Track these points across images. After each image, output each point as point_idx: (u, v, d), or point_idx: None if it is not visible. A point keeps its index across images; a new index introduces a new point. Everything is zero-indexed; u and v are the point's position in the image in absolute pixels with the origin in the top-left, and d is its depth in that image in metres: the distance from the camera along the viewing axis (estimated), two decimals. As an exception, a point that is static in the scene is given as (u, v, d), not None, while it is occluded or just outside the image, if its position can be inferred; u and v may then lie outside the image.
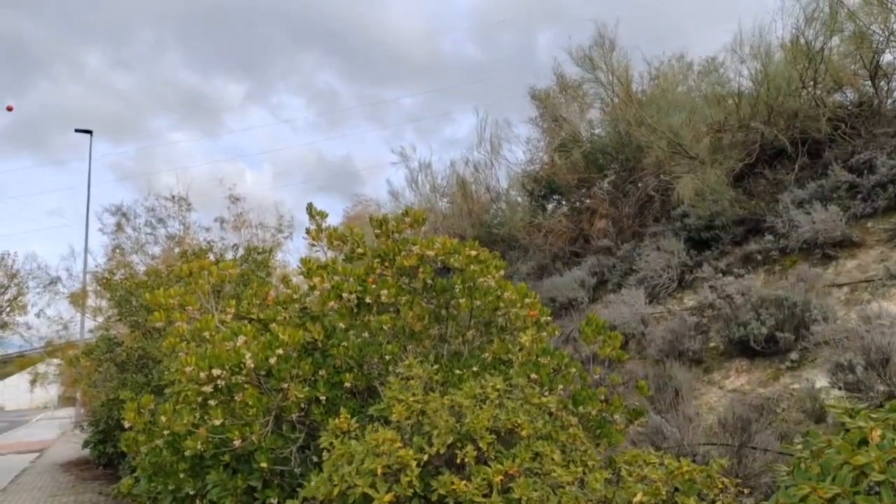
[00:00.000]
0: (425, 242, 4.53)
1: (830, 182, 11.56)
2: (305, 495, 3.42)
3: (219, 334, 4.17)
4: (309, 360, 4.14)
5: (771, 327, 8.32)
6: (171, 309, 4.38)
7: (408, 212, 4.88)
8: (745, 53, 13.83)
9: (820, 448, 1.79)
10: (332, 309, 4.43)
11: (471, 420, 3.36)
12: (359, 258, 4.81)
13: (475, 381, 4.00)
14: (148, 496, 4.95)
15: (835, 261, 10.10)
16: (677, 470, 2.35)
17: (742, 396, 7.80)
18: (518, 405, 3.69)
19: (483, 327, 4.72)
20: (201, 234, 17.38)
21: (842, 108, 13.38)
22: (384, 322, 4.25)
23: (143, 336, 10.49)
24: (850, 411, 1.93)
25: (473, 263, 4.39)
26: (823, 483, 1.61)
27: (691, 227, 12.84)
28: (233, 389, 3.92)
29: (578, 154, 18.08)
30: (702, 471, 2.40)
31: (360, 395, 4.52)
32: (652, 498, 2.24)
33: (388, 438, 3.28)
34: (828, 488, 1.59)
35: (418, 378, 3.82)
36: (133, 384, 10.03)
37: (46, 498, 12.27)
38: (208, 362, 3.78)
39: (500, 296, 4.46)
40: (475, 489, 3.12)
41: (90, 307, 16.13)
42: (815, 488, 1.61)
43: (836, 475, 1.61)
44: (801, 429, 6.78)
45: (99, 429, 13.02)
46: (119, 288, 10.73)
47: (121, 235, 17.91)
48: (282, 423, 4.19)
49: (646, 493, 2.24)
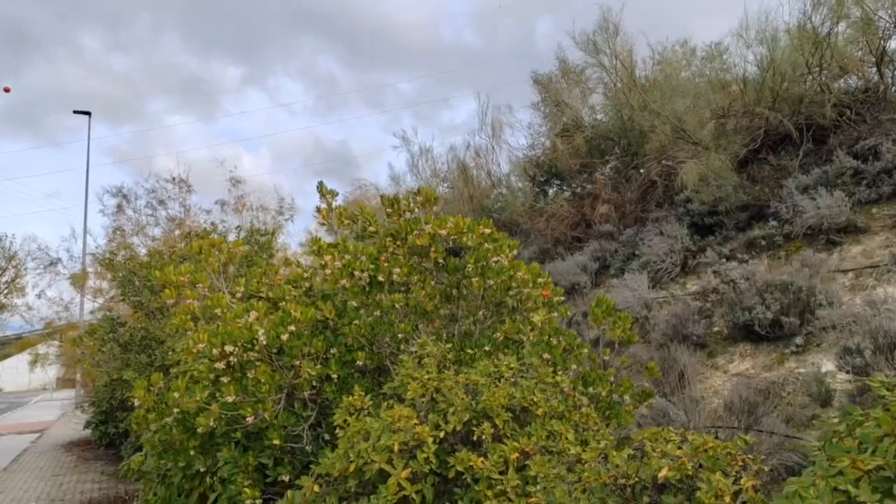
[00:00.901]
0: (437, 221, 4.50)
1: (835, 168, 11.52)
2: (320, 471, 3.42)
3: (230, 311, 4.15)
4: (321, 338, 4.12)
5: (776, 312, 8.32)
6: (181, 286, 4.35)
7: (420, 191, 4.85)
8: (752, 38, 13.75)
9: (857, 421, 1.77)
10: (343, 287, 4.40)
11: (487, 398, 3.35)
12: (370, 237, 4.78)
13: (488, 360, 3.99)
14: (157, 473, 4.95)
15: (839, 246, 10.08)
16: (702, 446, 2.33)
17: (747, 380, 7.81)
18: (533, 384, 3.68)
19: (494, 308, 4.70)
20: (202, 216, 17.33)
21: (847, 95, 13.33)
22: (396, 301, 4.23)
23: (147, 316, 10.47)
24: (887, 384, 1.91)
25: (487, 242, 4.36)
26: (863, 455, 1.59)
27: (694, 212, 12.81)
28: (245, 366, 3.90)
29: (581, 139, 18.03)
30: (724, 447, 2.39)
31: (371, 373, 4.51)
32: (677, 473, 2.23)
33: (405, 415, 3.27)
34: (869, 460, 1.57)
35: (432, 356, 3.81)
36: (137, 364, 10.03)
37: (48, 478, 12.30)
38: (221, 339, 3.76)
39: (512, 275, 4.44)
40: (492, 466, 3.12)
41: (90, 288, 16.10)
42: (854, 460, 1.59)
43: (877, 447, 1.59)
44: (807, 412, 6.80)
45: (101, 409, 13.03)
46: (122, 268, 10.70)
47: (121, 217, 17.84)
48: (293, 401, 4.18)
49: (671, 469, 2.23)
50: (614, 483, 2.38)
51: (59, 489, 11.28)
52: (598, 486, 2.47)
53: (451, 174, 23.75)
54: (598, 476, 2.44)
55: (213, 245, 4.60)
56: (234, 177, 17.76)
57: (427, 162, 25.04)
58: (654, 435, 2.75)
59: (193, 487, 4.76)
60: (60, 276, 16.89)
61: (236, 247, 4.75)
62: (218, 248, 4.62)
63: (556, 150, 18.53)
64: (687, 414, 6.26)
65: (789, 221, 11.01)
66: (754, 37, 13.88)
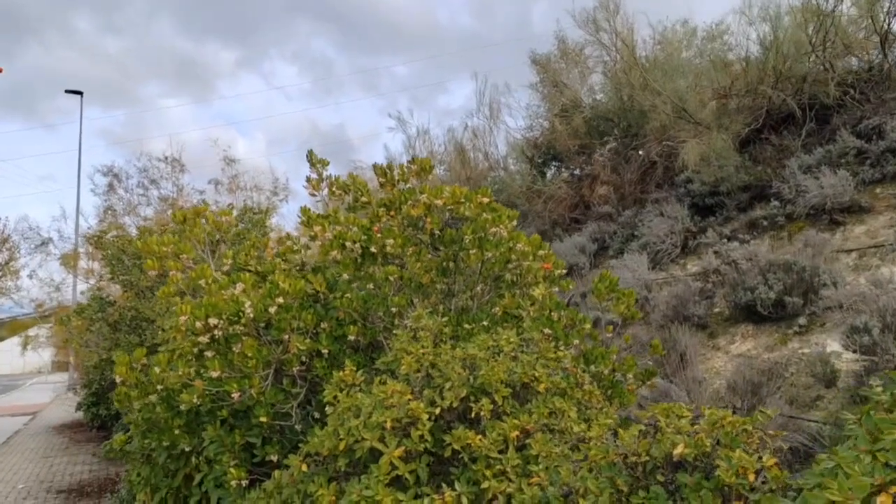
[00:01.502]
0: (433, 190, 4.29)
1: (838, 147, 11.32)
2: (309, 450, 3.23)
3: (215, 283, 3.94)
4: (311, 312, 3.92)
5: (779, 292, 8.14)
6: (164, 257, 4.14)
7: (414, 160, 4.63)
8: (755, 16, 13.49)
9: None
10: (334, 259, 4.20)
11: (486, 372, 3.16)
12: (362, 207, 4.57)
13: (487, 334, 3.80)
14: (141, 453, 4.77)
15: (842, 226, 9.90)
16: (720, 421, 2.14)
17: (749, 361, 7.65)
18: (534, 359, 3.49)
19: (492, 282, 4.51)
20: (195, 196, 17.08)
21: (851, 74, 13.10)
22: (390, 273, 4.03)
23: (136, 296, 10.26)
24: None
25: (486, 212, 4.16)
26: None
27: (695, 192, 12.61)
28: (230, 340, 3.71)
29: (580, 119, 17.78)
30: (742, 423, 2.20)
31: (363, 349, 4.31)
32: (694, 450, 2.04)
33: (398, 391, 3.08)
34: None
35: (427, 330, 3.61)
36: (126, 344, 9.82)
37: (39, 459, 12.14)
38: (205, 311, 3.56)
39: (512, 247, 4.24)
40: (490, 445, 2.93)
41: (82, 269, 15.87)
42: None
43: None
44: (810, 393, 6.64)
45: (92, 391, 12.86)
46: (111, 246, 10.47)
47: (112, 197, 17.58)
48: (282, 378, 3.99)
49: (687, 446, 2.04)
50: (624, 461, 2.19)
51: (48, 471, 11.12)
52: (606, 465, 2.29)
53: (448, 156, 23.46)
54: (605, 454, 2.25)
55: (198, 214, 4.38)
56: (227, 156, 17.49)
57: (424, 143, 24.72)
58: (665, 410, 2.56)
59: (179, 467, 4.59)
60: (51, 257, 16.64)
61: (223, 215, 4.53)
62: (203, 216, 4.40)
63: (555, 130, 18.29)
64: (689, 394, 6.09)
65: (792, 202, 10.81)
66: (757, 14, 13.62)
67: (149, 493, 4.71)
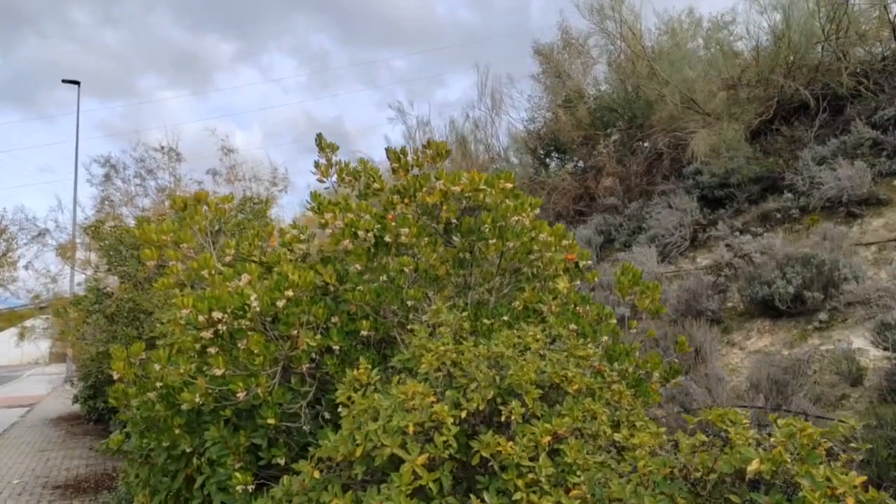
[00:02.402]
0: (450, 176, 4.02)
1: (853, 139, 11.07)
2: (321, 455, 2.97)
3: (219, 274, 3.68)
4: (322, 306, 3.65)
5: (798, 286, 7.89)
6: (163, 246, 3.87)
7: (430, 143, 4.36)
8: (766, 3, 13.20)
9: None
10: (345, 249, 3.93)
11: (515, 372, 2.90)
12: (374, 195, 4.30)
13: (509, 330, 3.54)
14: (139, 453, 4.52)
15: (860, 219, 9.66)
16: (800, 432, 1.89)
17: (768, 358, 7.40)
18: (563, 357, 3.23)
19: (512, 274, 4.25)
20: (193, 186, 16.78)
21: (864, 64, 12.83)
22: (405, 264, 3.76)
23: (134, 287, 9.99)
24: None
25: (509, 198, 3.89)
26: None
27: (704, 184, 12.36)
28: (235, 336, 3.44)
29: (584, 110, 17.50)
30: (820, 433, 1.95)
31: (375, 345, 4.05)
32: (771, 465, 1.79)
33: (420, 392, 2.82)
34: None
35: (447, 326, 3.36)
36: (124, 337, 9.56)
37: (35, 453, 11.88)
38: (208, 304, 3.30)
39: (534, 237, 3.98)
40: (522, 451, 2.68)
41: (79, 260, 15.58)
42: None
43: None
44: (836, 392, 6.40)
45: (89, 383, 12.60)
46: (108, 237, 10.19)
47: (109, 187, 17.28)
48: (289, 376, 3.73)
49: (764, 460, 1.79)
50: (683, 476, 1.94)
51: (44, 465, 10.87)
52: (663, 479, 2.03)
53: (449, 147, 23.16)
54: (662, 466, 2.00)
55: (199, 200, 4.11)
56: (225, 146, 17.18)
57: (424, 135, 24.40)
58: (719, 416, 2.31)
59: (179, 469, 4.33)
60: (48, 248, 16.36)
61: (225, 202, 4.26)
62: (205, 203, 4.13)
63: (559, 121, 18.00)
64: (711, 392, 5.85)
65: (806, 194, 10.57)
66: (768, 2, 13.33)
67: (147, 495, 4.46)
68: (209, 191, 15.57)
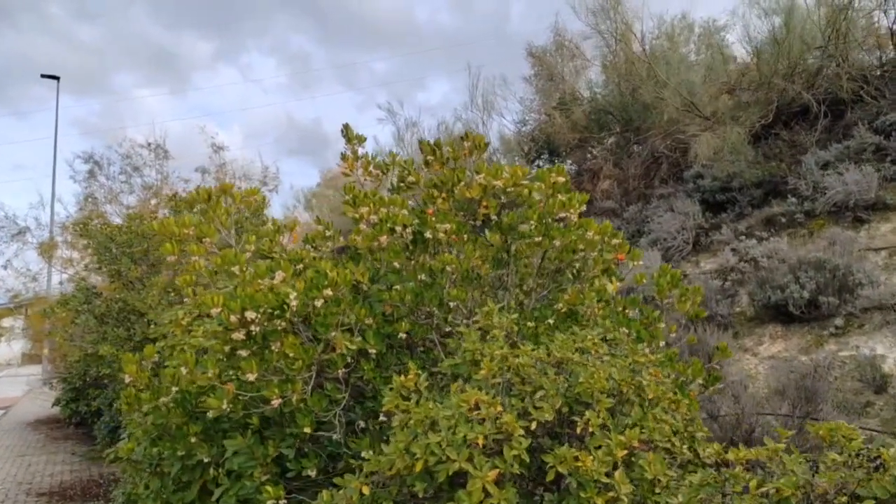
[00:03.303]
0: (491, 170, 3.78)
1: (856, 143, 11.02)
2: (370, 469, 2.72)
3: (247, 272, 3.41)
4: (362, 305, 3.40)
5: (812, 291, 7.76)
6: (185, 240, 3.59)
7: (468, 135, 4.12)
8: (767, 6, 13.14)
9: None
10: (379, 246, 3.68)
11: (585, 379, 2.67)
12: (409, 188, 4.05)
13: (561, 333, 3.31)
14: (149, 463, 4.22)
15: (867, 224, 9.58)
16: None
17: (783, 364, 7.26)
18: (627, 363, 3.01)
19: (553, 274, 4.02)
20: (180, 185, 16.37)
21: (864, 70, 12.82)
22: (448, 262, 3.52)
23: (125, 287, 9.62)
24: None
25: (561, 192, 3.66)
26: None
27: (706, 188, 12.25)
28: (269, 337, 3.17)
29: (579, 113, 17.36)
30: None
31: (413, 349, 3.80)
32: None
33: (485, 401, 2.57)
34: None
35: (500, 328, 3.11)
36: (114, 338, 9.20)
37: (15, 458, 11.44)
38: (241, 303, 3.02)
39: (581, 236, 3.75)
40: (599, 466, 2.45)
41: (60, 258, 15.10)
42: None
43: None
44: (860, 399, 6.26)
45: (72, 386, 12.16)
46: (98, 234, 9.80)
47: (93, 184, 16.81)
48: (322, 381, 3.46)
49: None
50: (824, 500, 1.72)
51: (26, 470, 10.44)
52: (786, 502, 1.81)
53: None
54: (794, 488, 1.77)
55: (224, 191, 3.83)
56: (215, 143, 16.79)
57: (414, 136, 24.14)
58: (830, 432, 2.09)
59: (193, 480, 4.03)
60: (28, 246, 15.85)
61: (251, 195, 3.98)
62: (229, 195, 3.85)
63: (554, 123, 17.83)
64: (737, 400, 5.66)
65: (810, 198, 10.48)
66: (769, 5, 13.28)
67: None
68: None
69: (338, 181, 30.25)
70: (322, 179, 30.84)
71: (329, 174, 30.87)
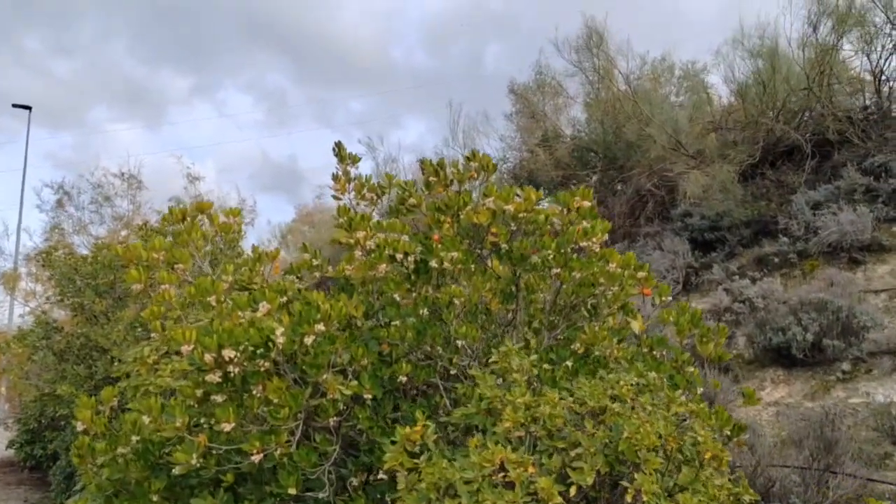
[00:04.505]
0: (501, 193, 3.39)
1: (847, 184, 10.90)
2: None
3: (224, 304, 2.95)
4: (359, 344, 2.95)
5: (816, 333, 7.44)
6: (153, 267, 3.12)
7: (474, 154, 3.74)
8: (753, 45, 13.14)
9: None
10: (376, 276, 3.24)
11: (631, 434, 2.24)
12: (409, 211, 3.63)
13: (584, 378, 2.89)
14: (105, 524, 3.67)
15: (862, 265, 9.36)
16: None
17: (789, 410, 6.89)
18: (668, 413, 2.59)
19: (569, 310, 3.61)
20: (153, 216, 15.78)
21: (849, 112, 12.82)
22: (456, 295, 3.09)
23: (88, 321, 9.01)
24: None
25: (587, 218, 3.28)
26: None
27: (694, 227, 12.02)
28: (249, 380, 2.71)
29: (563, 150, 17.24)
30: None
31: (406, 394, 3.35)
32: None
33: (513, 460, 2.13)
34: None
35: (521, 372, 2.68)
36: (74, 377, 8.56)
37: (-40, 507, 10.60)
38: (217, 339, 2.56)
39: (603, 268, 3.36)
40: (654, 543, 2.01)
41: (22, 290, 14.38)
42: None
43: None
44: (877, 450, 5.89)
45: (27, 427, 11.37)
46: (62, 265, 9.22)
47: (61, 214, 16.17)
48: (310, 431, 2.99)
49: None
50: None
51: (-28, 521, 9.63)
52: None
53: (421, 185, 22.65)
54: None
55: (201, 210, 3.38)
56: (191, 173, 16.29)
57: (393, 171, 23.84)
58: None
59: (155, 544, 3.50)
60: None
61: (231, 215, 3.53)
62: (206, 215, 3.40)
63: (537, 160, 17.66)
64: (752, 450, 5.25)
65: (803, 238, 10.28)
66: (755, 45, 13.29)
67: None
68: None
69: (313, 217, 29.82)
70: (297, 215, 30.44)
71: (304, 210, 30.47)
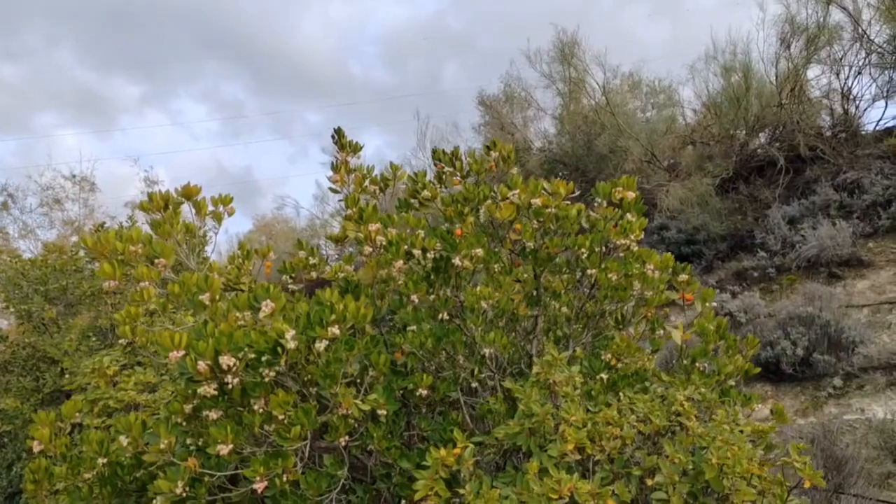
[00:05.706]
0: (526, 187, 3.05)
1: (821, 200, 10.91)
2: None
3: (216, 303, 2.52)
4: (379, 350, 2.55)
5: (805, 348, 7.27)
6: (130, 261, 2.67)
7: (495, 142, 3.38)
8: (727, 60, 13.17)
9: None
10: (389, 275, 2.86)
11: (720, 459, 1.90)
12: (422, 206, 3.26)
13: (630, 392, 2.55)
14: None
15: (842, 280, 9.29)
16: None
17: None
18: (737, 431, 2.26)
19: (598, 316, 3.28)
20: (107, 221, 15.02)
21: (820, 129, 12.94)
22: (485, 296, 2.72)
23: (36, 330, 8.35)
24: None
25: (631, 211, 2.94)
26: None
27: (671, 240, 11.89)
28: (250, 392, 2.29)
29: (534, 162, 17.08)
30: None
31: (419, 409, 2.95)
32: None
33: (587, 491, 1.77)
34: None
35: (570, 384, 2.32)
36: (18, 390, 7.88)
37: None
38: (213, 343, 2.14)
39: (640, 270, 3.04)
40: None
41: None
42: None
43: None
44: (879, 469, 5.69)
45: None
46: (8, 269, 8.54)
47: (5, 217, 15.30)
48: (317, 452, 2.57)
49: None
50: None
51: None
52: None
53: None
54: None
55: (188, 196, 2.94)
56: (148, 177, 15.59)
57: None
58: None
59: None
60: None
61: (221, 203, 3.09)
62: (193, 202, 2.96)
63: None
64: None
65: (780, 253, 10.22)
66: (728, 60, 13.32)
67: None
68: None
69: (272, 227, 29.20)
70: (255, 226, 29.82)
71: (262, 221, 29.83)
